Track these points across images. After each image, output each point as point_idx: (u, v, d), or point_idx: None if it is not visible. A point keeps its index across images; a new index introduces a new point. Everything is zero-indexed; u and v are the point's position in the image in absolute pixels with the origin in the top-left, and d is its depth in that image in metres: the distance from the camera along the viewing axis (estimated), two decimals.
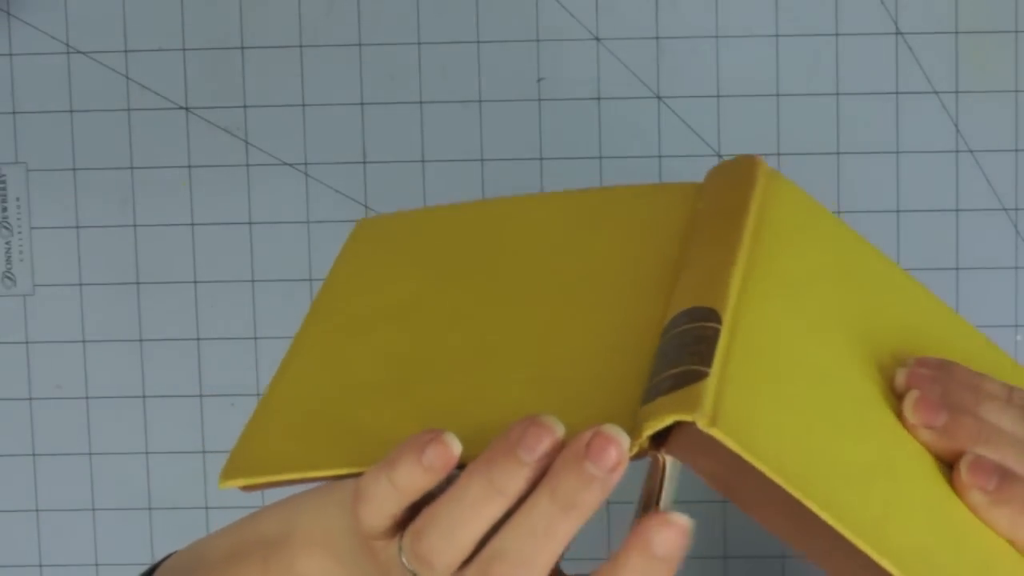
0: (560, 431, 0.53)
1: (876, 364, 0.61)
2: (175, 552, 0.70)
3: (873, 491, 0.55)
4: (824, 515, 0.52)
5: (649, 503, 0.53)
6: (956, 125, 0.97)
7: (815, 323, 0.61)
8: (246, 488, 0.60)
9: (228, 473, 0.60)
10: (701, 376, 0.53)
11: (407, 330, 0.64)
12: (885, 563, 0.52)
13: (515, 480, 0.53)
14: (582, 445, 0.52)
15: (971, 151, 0.97)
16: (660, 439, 0.53)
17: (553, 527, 0.53)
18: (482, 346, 0.62)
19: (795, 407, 0.56)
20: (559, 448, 0.53)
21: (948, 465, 0.59)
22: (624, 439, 0.52)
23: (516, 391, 0.59)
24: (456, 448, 0.54)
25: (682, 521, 0.52)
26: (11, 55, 0.99)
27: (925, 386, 0.60)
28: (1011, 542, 0.58)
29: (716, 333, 0.56)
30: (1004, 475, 0.58)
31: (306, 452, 0.59)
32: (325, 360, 0.64)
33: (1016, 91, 0.97)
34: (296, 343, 0.66)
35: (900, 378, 0.61)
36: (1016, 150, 0.98)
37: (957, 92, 0.97)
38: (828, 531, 0.52)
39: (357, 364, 0.63)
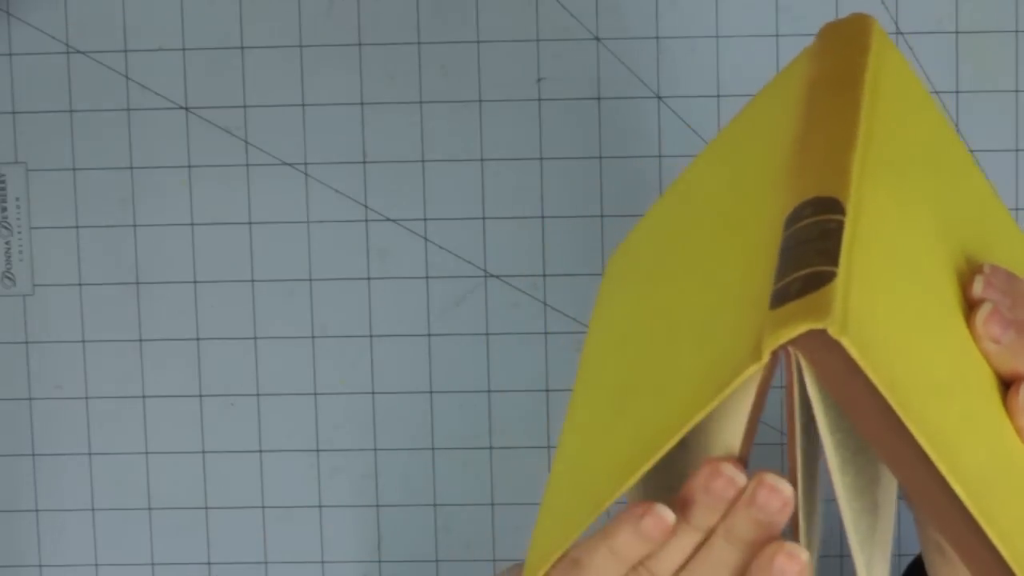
0: (671, 516, 0.59)
1: (953, 257, 0.64)
2: None
3: (953, 405, 0.59)
4: (920, 437, 0.56)
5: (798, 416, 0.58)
6: (956, 125, 0.97)
7: (915, 212, 0.64)
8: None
9: (534, 565, 0.62)
10: (829, 278, 0.56)
11: (624, 349, 0.69)
12: (956, 487, 0.56)
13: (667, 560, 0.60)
14: (750, 496, 0.58)
15: (971, 151, 0.97)
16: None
17: (727, 561, 0.60)
18: (661, 335, 0.66)
19: (903, 309, 0.59)
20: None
21: (1001, 379, 0.63)
22: (785, 487, 0.58)
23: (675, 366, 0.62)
24: (670, 517, 0.59)
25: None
26: (11, 55, 0.99)
27: (997, 298, 0.63)
28: None
29: (840, 226, 0.58)
30: None
31: (571, 519, 0.62)
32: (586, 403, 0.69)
33: (1016, 91, 0.97)
34: (577, 384, 0.71)
35: (977, 287, 0.63)
36: (1016, 150, 0.97)
37: (957, 92, 0.97)
38: (914, 445, 0.56)
39: (593, 404, 0.68)
